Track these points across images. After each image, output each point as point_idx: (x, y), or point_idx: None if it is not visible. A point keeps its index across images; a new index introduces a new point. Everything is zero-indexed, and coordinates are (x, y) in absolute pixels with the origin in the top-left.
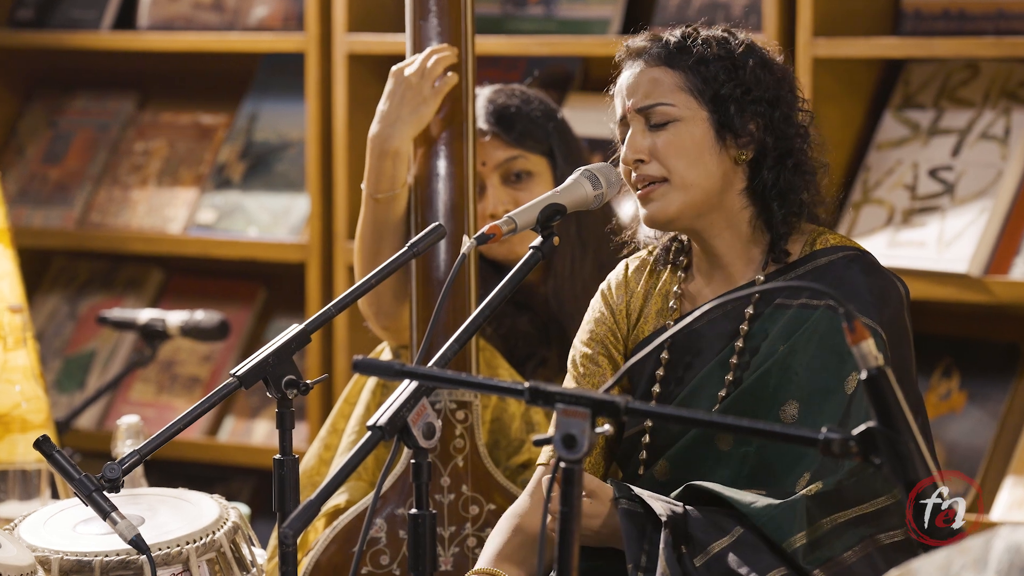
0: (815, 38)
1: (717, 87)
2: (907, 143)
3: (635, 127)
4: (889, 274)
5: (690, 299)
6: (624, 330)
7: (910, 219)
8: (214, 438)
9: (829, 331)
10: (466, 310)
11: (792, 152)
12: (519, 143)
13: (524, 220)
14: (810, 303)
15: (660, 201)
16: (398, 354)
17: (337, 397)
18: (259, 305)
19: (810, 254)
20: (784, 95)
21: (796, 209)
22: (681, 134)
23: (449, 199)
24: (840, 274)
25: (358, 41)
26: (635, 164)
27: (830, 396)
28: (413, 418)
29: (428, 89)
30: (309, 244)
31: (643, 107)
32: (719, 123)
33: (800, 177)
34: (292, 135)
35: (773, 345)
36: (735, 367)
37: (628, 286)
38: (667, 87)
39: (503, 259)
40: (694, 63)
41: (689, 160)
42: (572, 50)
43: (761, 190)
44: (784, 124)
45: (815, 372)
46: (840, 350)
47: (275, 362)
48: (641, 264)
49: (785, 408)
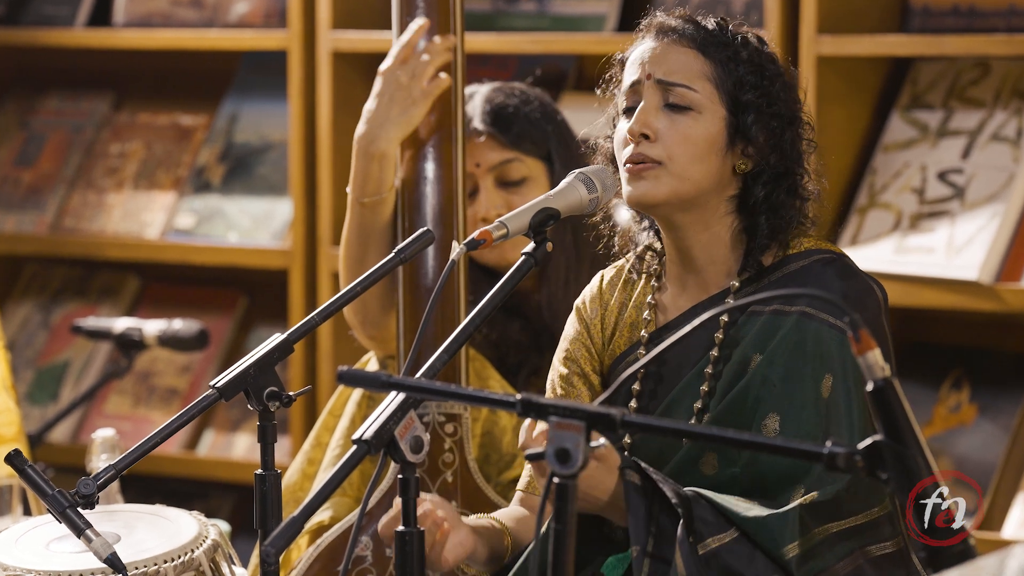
0: (819, 35)
1: (743, 90)
2: (915, 145)
3: (649, 100)
4: (866, 277)
5: (663, 310)
6: (599, 345)
7: (918, 224)
8: (193, 452)
9: (802, 337)
10: (455, 319)
11: (790, 174)
12: (516, 145)
13: (516, 225)
14: (782, 309)
15: (651, 182)
16: (385, 365)
17: (321, 409)
18: (240, 314)
19: (783, 259)
20: (799, 118)
21: (782, 225)
22: (696, 125)
23: (438, 203)
24: (814, 279)
25: (343, 38)
26: (639, 138)
27: (808, 405)
28: (400, 431)
29: (419, 90)
30: (292, 250)
31: (666, 81)
32: (734, 127)
33: (792, 200)
34: (274, 136)
35: (745, 353)
36: (709, 377)
37: (603, 299)
38: (696, 72)
39: (495, 265)
40: (727, 58)
41: (695, 154)
42: (566, 48)
43: (750, 203)
44: (791, 145)
45: (792, 382)
46: (814, 355)
47: (256, 373)
48: (616, 275)
49: (766, 422)
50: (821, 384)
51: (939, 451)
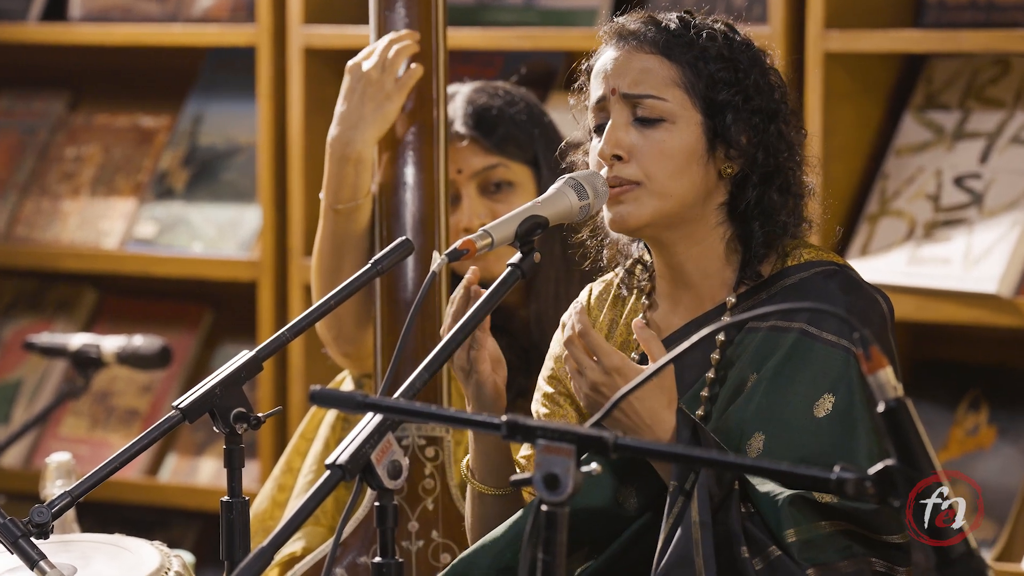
0: (827, 31)
1: (717, 90)
2: (930, 148)
3: (617, 116)
4: (871, 290)
5: (655, 329)
6: None
7: (933, 233)
8: (154, 478)
9: (800, 355)
10: (436, 335)
11: (781, 171)
12: (500, 149)
13: (501, 234)
14: (781, 325)
15: (631, 206)
16: (361, 384)
17: (292, 432)
18: (205, 329)
19: (781, 271)
20: (781, 108)
21: (778, 231)
22: (671, 137)
23: (418, 210)
24: (815, 292)
25: (315, 34)
26: (612, 160)
27: (795, 424)
28: (377, 456)
29: (391, 84)
30: (261, 261)
31: (632, 95)
32: (712, 130)
33: (785, 199)
34: (242, 139)
35: (743, 372)
36: (706, 400)
37: (591, 315)
38: (661, 79)
39: (481, 278)
40: (694, 58)
41: (674, 168)
42: (555, 44)
43: (742, 208)
44: (777, 140)
45: (778, 399)
46: (812, 373)
47: (223, 393)
48: (604, 290)
49: (751, 442)
50: (815, 404)
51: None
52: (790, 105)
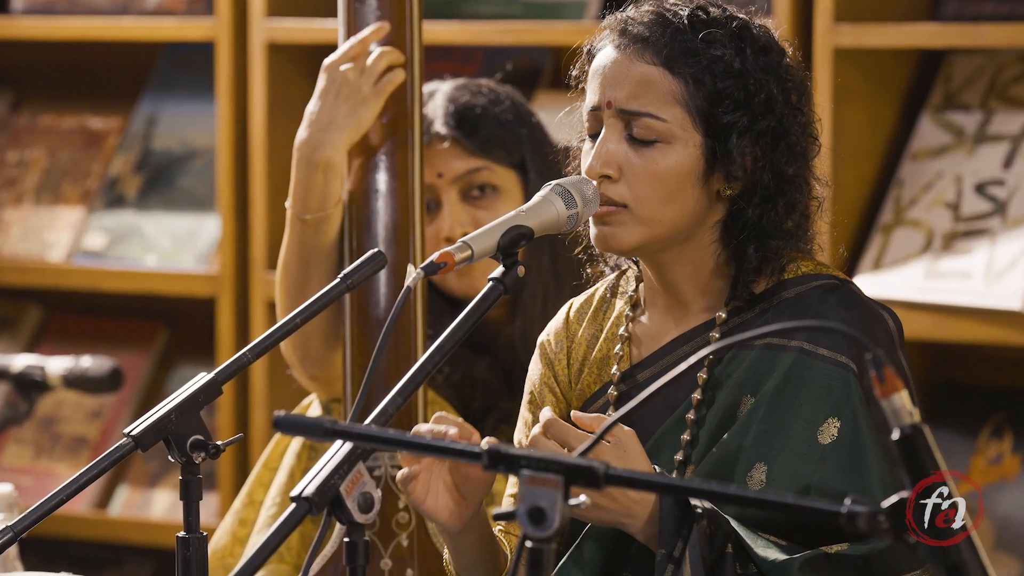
0: (836, 24)
1: (721, 109)
2: (949, 152)
3: (610, 131)
4: (875, 306)
5: (638, 343)
6: (565, 384)
7: (952, 245)
8: (104, 512)
9: (801, 376)
10: (411, 355)
11: (787, 190)
12: (484, 152)
13: (482, 246)
14: (778, 343)
15: (616, 228)
16: (329, 409)
17: (254, 461)
18: (159, 349)
19: (776, 285)
20: (793, 124)
21: (777, 252)
22: (665, 158)
23: (391, 220)
24: (812, 308)
25: (279, 27)
26: (599, 179)
27: (800, 453)
28: (347, 487)
29: (369, 88)
30: (220, 275)
31: (627, 111)
32: (712, 152)
33: (787, 218)
34: (199, 142)
35: (734, 394)
36: (692, 424)
37: (569, 331)
38: (661, 95)
39: (460, 294)
40: (700, 71)
41: (665, 193)
42: (541, 39)
43: (740, 226)
44: (785, 159)
45: (781, 426)
46: (814, 396)
47: (179, 419)
48: (585, 303)
49: (752, 473)
50: (819, 429)
51: (976, 509)
52: (807, 112)
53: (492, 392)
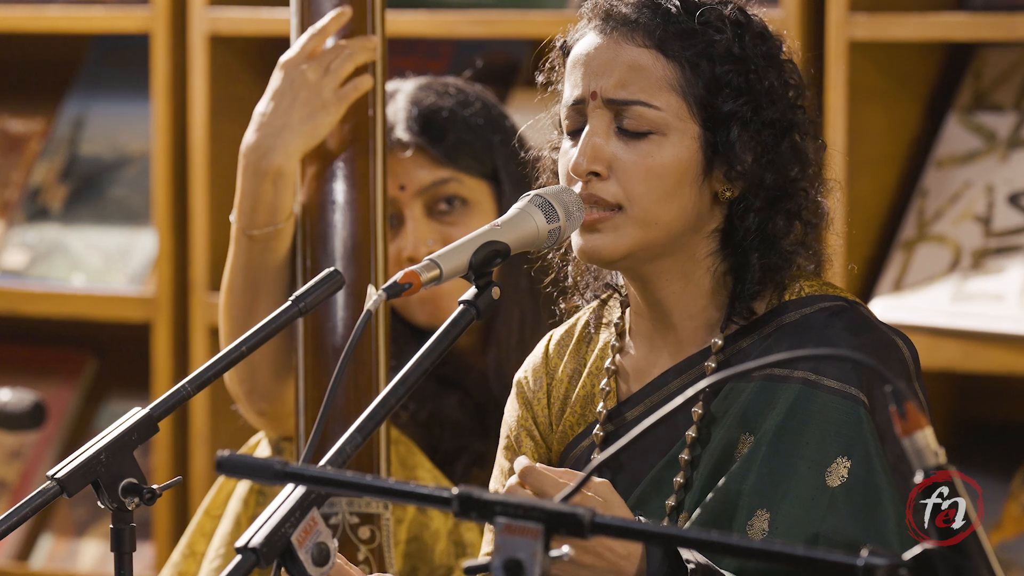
0: (852, 14)
1: (721, 97)
2: (978, 158)
3: (596, 122)
4: (887, 331)
5: (626, 377)
6: (545, 425)
7: (983, 263)
8: (25, 564)
9: (805, 411)
10: (372, 389)
11: (791, 194)
12: (452, 160)
13: (451, 265)
14: (780, 374)
15: (609, 235)
16: (279, 449)
17: (195, 508)
18: (87, 381)
19: (777, 307)
20: (798, 118)
21: (782, 264)
22: (660, 151)
23: (349, 235)
24: (817, 333)
25: (223, 18)
26: (588, 176)
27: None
28: (299, 537)
29: (331, 92)
30: (156, 297)
31: (616, 100)
32: (711, 146)
33: (792, 226)
34: (132, 147)
35: (732, 432)
36: (686, 465)
37: (548, 366)
38: (654, 81)
39: (427, 320)
40: (697, 55)
41: (662, 191)
42: (517, 31)
43: (740, 235)
44: (790, 157)
45: (785, 467)
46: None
47: (109, 460)
48: (566, 335)
49: (752, 521)
50: (827, 470)
51: (1011, 562)
52: (807, 110)
53: (463, 432)
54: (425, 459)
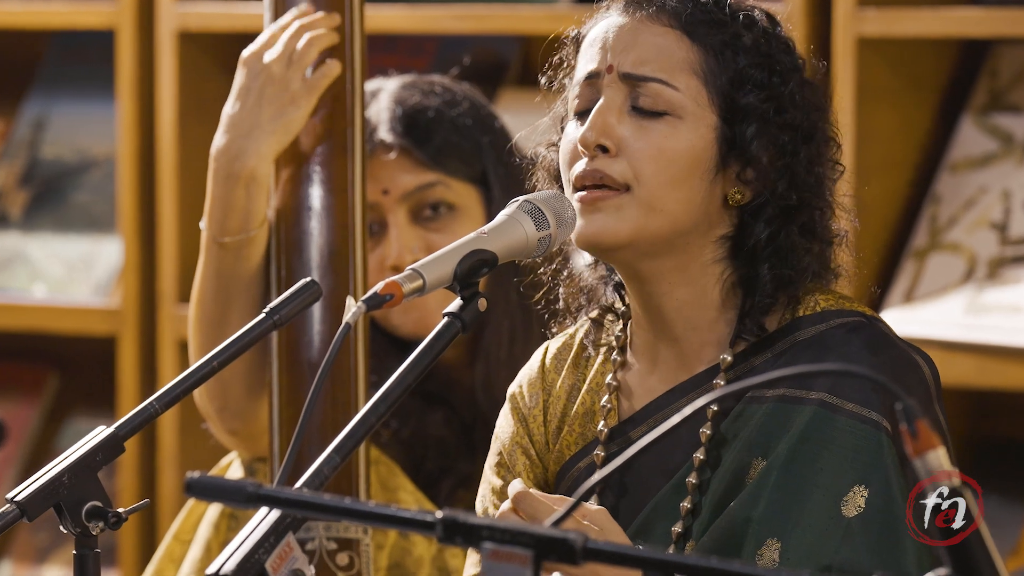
0: (860, 8)
1: (744, 90)
2: (995, 162)
3: (611, 98)
4: (907, 349)
5: (628, 395)
6: (541, 444)
7: (999, 273)
8: None
9: (819, 432)
10: (351, 406)
11: (806, 208)
12: (438, 163)
13: (436, 274)
14: (795, 395)
15: (611, 216)
16: (253, 470)
17: (163, 532)
18: (49, 398)
19: (790, 323)
20: (819, 132)
21: (793, 278)
22: (675, 134)
23: (327, 243)
24: (834, 351)
25: (192, 12)
26: (595, 151)
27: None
28: (274, 563)
29: (298, 83)
30: (122, 309)
31: (635, 75)
32: (728, 140)
33: (808, 241)
34: (96, 150)
35: (743, 455)
36: (693, 490)
37: (545, 381)
38: (676, 62)
39: (410, 334)
40: (723, 43)
41: (673, 176)
42: (506, 26)
43: (749, 245)
44: (806, 168)
45: (798, 494)
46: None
47: (72, 482)
48: (564, 347)
49: (763, 551)
50: (843, 499)
51: None
52: (830, 132)
53: (448, 451)
54: (407, 481)
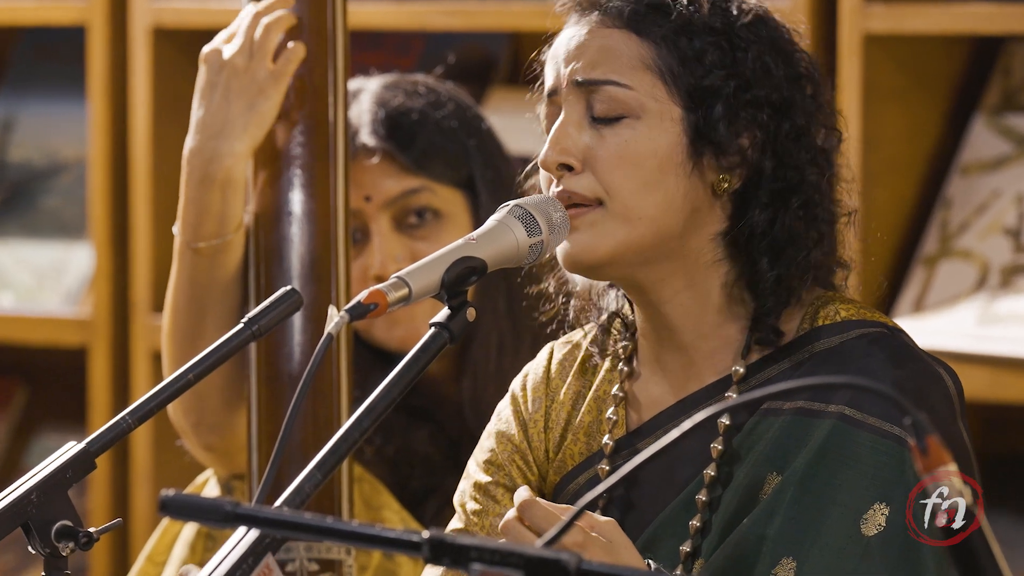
0: (867, 4)
1: (701, 73)
2: (1008, 164)
3: (569, 112)
4: (931, 362)
5: (636, 406)
6: (541, 453)
7: (1013, 281)
8: None
9: (838, 448)
10: (334, 421)
11: (801, 186)
12: (422, 168)
13: (422, 283)
14: (813, 408)
15: (588, 233)
16: (230, 488)
17: (136, 553)
18: (16, 412)
19: (808, 332)
20: (799, 99)
21: (797, 271)
22: (636, 136)
23: (308, 250)
24: (855, 363)
25: (167, 8)
26: (560, 171)
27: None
28: None
29: (264, 73)
30: (93, 319)
31: (587, 80)
32: (697, 129)
33: (809, 225)
34: (67, 152)
35: (758, 471)
36: (703, 507)
37: (550, 386)
38: (626, 60)
39: (394, 346)
40: (673, 32)
41: (642, 180)
42: (495, 22)
43: (747, 238)
44: (793, 143)
45: (816, 511)
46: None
47: (41, 500)
48: (570, 353)
49: (777, 571)
50: (863, 517)
51: None
52: (821, 97)
53: (434, 469)
54: (392, 499)
